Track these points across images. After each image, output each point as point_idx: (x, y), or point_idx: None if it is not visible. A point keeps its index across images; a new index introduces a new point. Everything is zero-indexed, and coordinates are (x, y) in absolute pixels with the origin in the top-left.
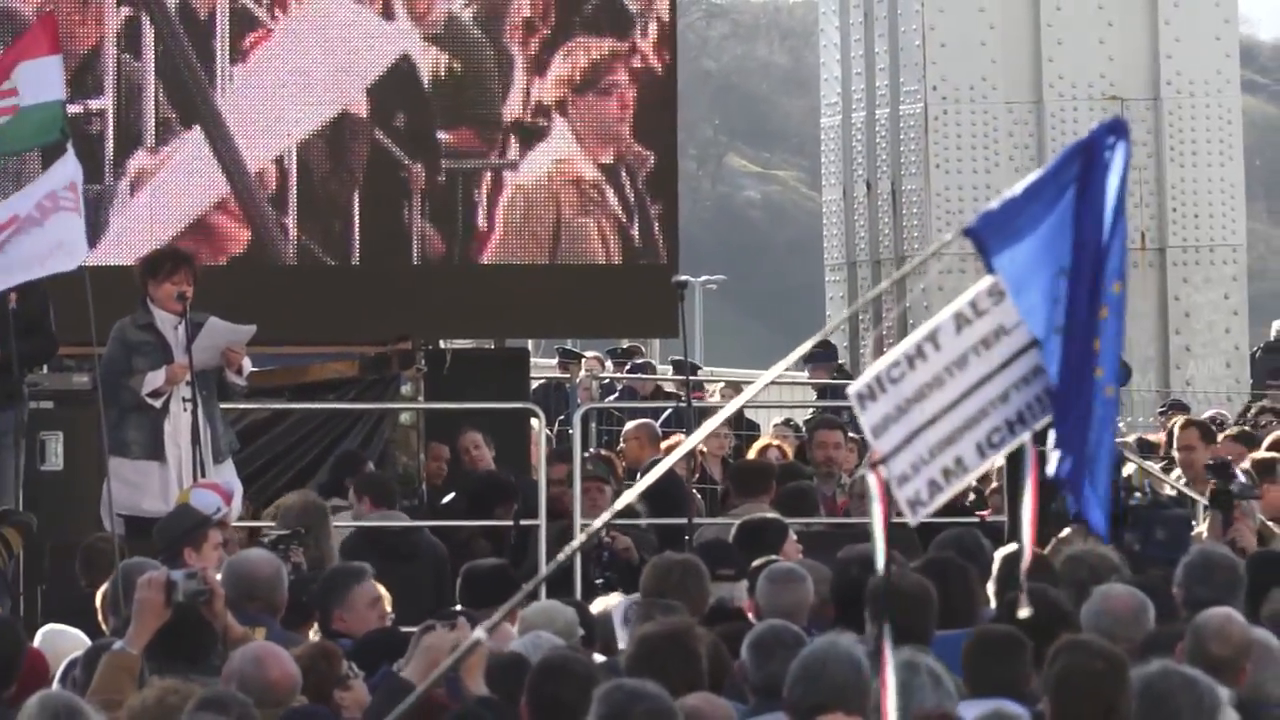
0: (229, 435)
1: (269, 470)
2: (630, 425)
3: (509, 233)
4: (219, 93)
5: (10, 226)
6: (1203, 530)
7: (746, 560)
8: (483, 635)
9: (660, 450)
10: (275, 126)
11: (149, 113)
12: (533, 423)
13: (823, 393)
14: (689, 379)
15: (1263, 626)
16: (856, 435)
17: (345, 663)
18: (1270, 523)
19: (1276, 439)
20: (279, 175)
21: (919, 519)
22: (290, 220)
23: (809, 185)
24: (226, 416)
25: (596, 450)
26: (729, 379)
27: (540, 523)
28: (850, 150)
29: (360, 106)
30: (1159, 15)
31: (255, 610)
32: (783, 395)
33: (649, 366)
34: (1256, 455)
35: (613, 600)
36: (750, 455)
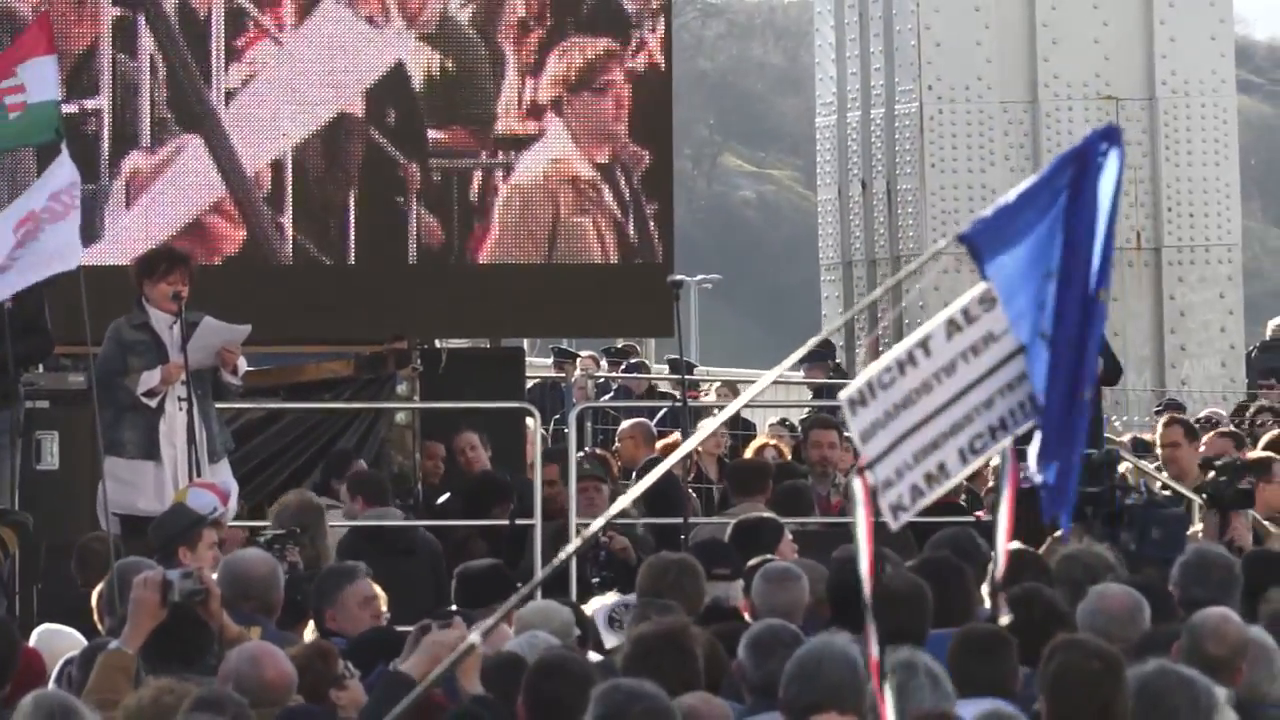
0: (224, 435)
1: (264, 470)
2: (626, 424)
3: (504, 232)
4: (215, 92)
5: (28, 222)
6: (1198, 530)
7: (742, 559)
8: (477, 639)
9: (655, 450)
10: (271, 126)
11: (144, 113)
12: (528, 422)
13: (819, 392)
14: (684, 378)
15: (1260, 626)
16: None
17: (341, 662)
18: (1266, 522)
19: (1272, 438)
20: (275, 175)
21: (900, 524)
22: (286, 220)
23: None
24: (222, 416)
25: (591, 449)
26: (724, 378)
27: (535, 522)
28: (845, 150)
29: (356, 106)
30: (1154, 15)
31: (251, 610)
32: (778, 395)
33: (643, 366)
34: (1252, 454)
35: (606, 600)
36: (747, 455)
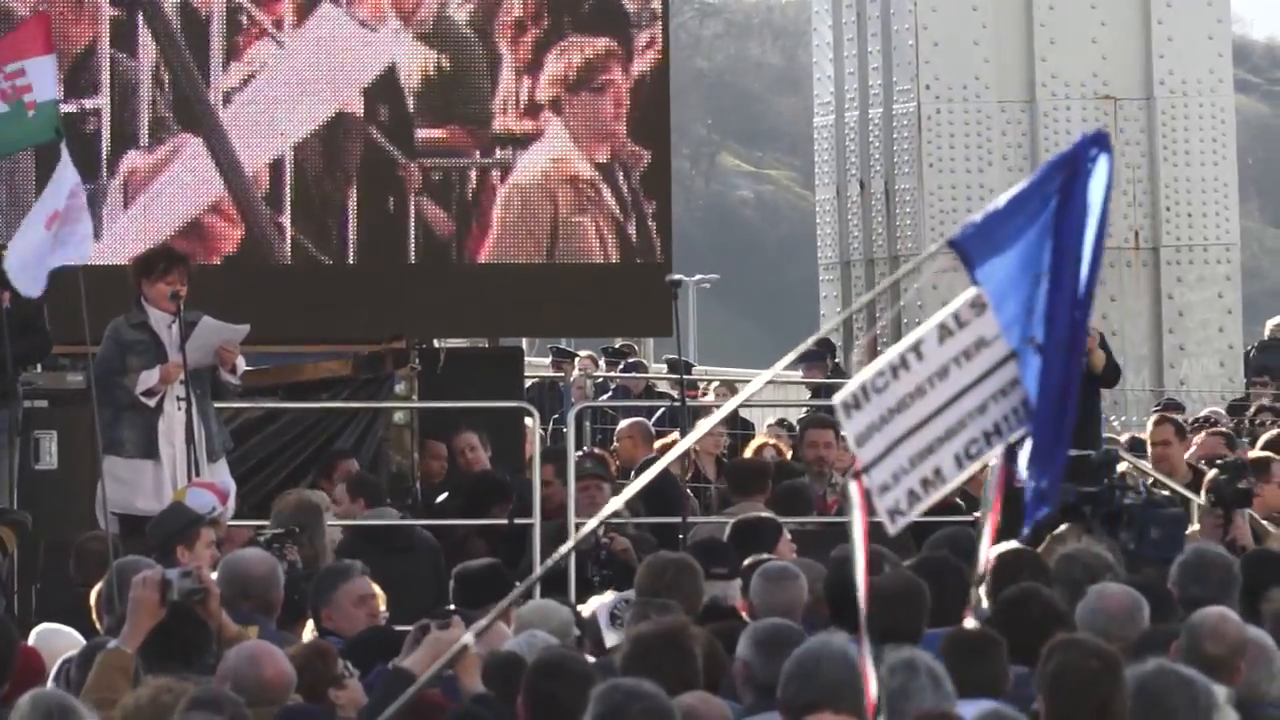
0: (223, 434)
1: (263, 469)
2: (624, 424)
3: (504, 232)
4: (214, 92)
5: (55, 220)
6: (1195, 529)
7: (741, 559)
8: (470, 640)
9: (654, 449)
10: (270, 125)
11: (143, 112)
12: (527, 421)
13: (817, 392)
14: (683, 378)
15: (1260, 625)
16: None
17: (340, 662)
18: (1265, 521)
19: (1271, 438)
20: (274, 174)
21: (898, 528)
22: (285, 219)
23: (802, 184)
24: (220, 415)
25: (590, 448)
26: (723, 378)
27: (534, 521)
28: (843, 149)
29: (356, 105)
30: (1152, 14)
31: (250, 609)
32: (776, 394)
33: (641, 365)
34: (1252, 454)
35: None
36: (746, 454)
